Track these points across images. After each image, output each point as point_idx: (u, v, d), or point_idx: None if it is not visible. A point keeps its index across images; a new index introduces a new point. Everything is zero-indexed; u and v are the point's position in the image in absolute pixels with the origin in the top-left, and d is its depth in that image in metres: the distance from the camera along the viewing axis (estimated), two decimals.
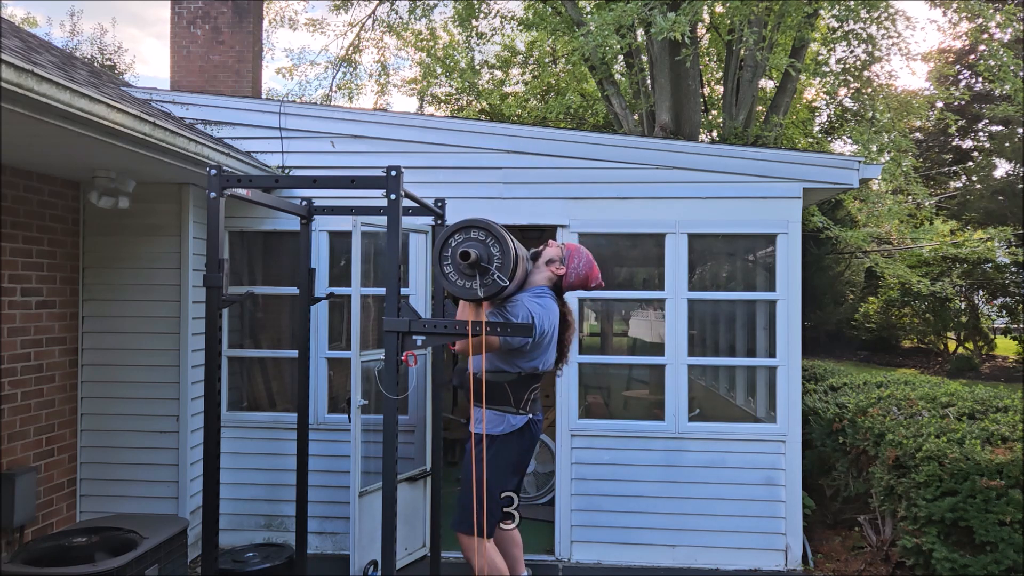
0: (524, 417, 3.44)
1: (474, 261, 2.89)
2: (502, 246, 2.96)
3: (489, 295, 2.97)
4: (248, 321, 5.44)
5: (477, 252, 2.91)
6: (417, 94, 16.79)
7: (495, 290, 2.95)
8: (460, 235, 3.00)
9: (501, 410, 3.42)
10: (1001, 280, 15.29)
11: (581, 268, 3.55)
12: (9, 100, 2.72)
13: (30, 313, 4.23)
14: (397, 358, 2.95)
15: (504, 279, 2.93)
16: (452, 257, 2.99)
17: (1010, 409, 4.56)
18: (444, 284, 3.05)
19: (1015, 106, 12.13)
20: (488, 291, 2.95)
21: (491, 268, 2.94)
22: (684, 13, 7.77)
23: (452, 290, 3.03)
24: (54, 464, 4.46)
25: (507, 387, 3.41)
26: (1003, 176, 20.02)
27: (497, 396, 3.40)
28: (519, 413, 3.43)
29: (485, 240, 2.97)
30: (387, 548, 2.91)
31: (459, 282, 2.99)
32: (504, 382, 3.40)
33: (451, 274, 3.00)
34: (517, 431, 3.43)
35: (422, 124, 5.06)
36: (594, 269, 3.60)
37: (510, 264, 2.95)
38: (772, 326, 4.94)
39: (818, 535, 5.21)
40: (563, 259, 3.55)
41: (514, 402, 3.43)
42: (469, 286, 2.97)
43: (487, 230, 2.98)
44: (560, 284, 3.56)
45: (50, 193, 4.39)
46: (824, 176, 4.85)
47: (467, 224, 3.00)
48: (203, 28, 8.01)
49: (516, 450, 3.46)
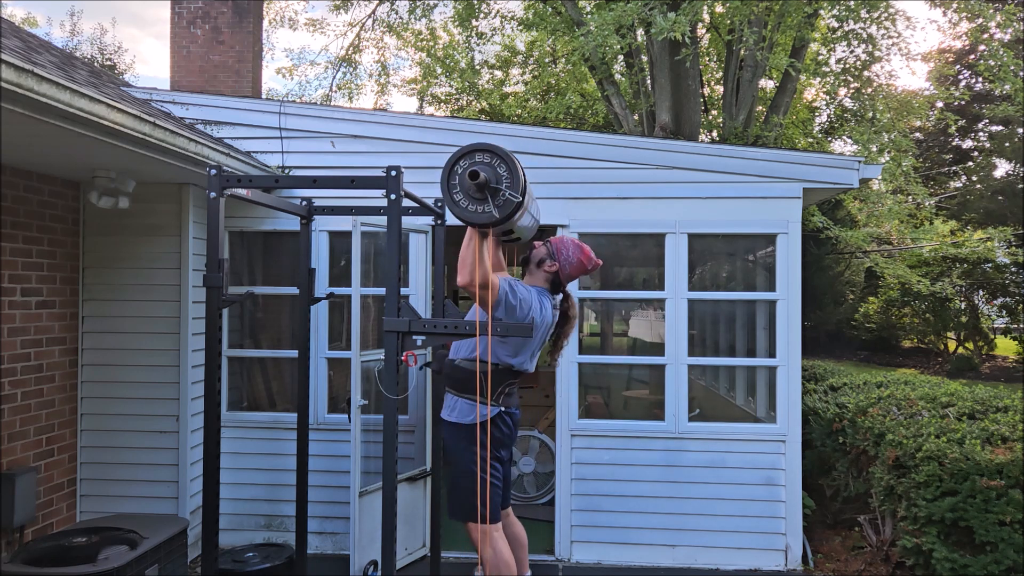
0: (496, 408, 3.45)
1: (483, 182, 2.78)
2: (509, 165, 2.86)
3: (505, 214, 2.86)
4: (248, 321, 5.44)
5: (485, 174, 2.81)
6: (417, 94, 16.79)
7: (510, 208, 2.84)
8: (465, 161, 2.90)
9: (472, 399, 3.44)
10: (1001, 280, 15.30)
11: (572, 256, 3.53)
12: (9, 100, 2.72)
13: (30, 313, 4.23)
14: (397, 358, 2.95)
15: (516, 195, 2.82)
16: (460, 182, 2.87)
17: (1010, 409, 4.56)
18: (456, 213, 2.91)
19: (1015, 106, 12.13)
20: (503, 210, 2.84)
21: (501, 188, 2.83)
22: (684, 13, 7.77)
23: (465, 217, 2.90)
24: (54, 464, 4.46)
25: (480, 377, 3.41)
26: (1003, 176, 20.03)
27: (472, 386, 3.43)
28: (492, 404, 3.44)
29: (491, 162, 2.87)
30: (387, 548, 2.91)
31: (471, 208, 2.88)
32: (482, 372, 3.41)
33: (461, 200, 2.89)
34: (487, 422, 3.43)
35: (422, 124, 5.06)
36: (584, 252, 3.56)
37: (520, 182, 2.85)
38: (772, 326, 4.94)
39: (818, 535, 5.21)
40: (551, 254, 3.54)
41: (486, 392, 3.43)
42: (482, 209, 2.86)
43: (491, 152, 2.89)
44: (558, 280, 3.55)
45: (50, 193, 4.39)
46: (824, 176, 4.85)
47: (470, 148, 2.90)
48: (203, 28, 8.01)
49: (495, 434, 3.46)
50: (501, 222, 2.89)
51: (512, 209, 2.86)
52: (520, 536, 3.80)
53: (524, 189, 2.89)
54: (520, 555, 3.75)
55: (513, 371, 3.49)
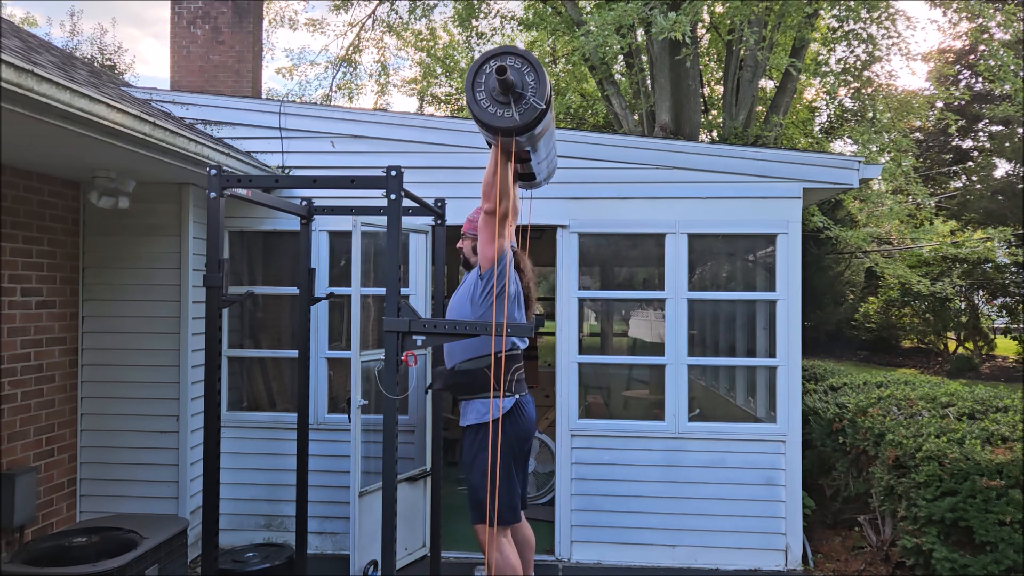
0: (511, 398, 3.42)
1: (509, 80, 2.68)
2: (538, 72, 2.77)
3: (526, 121, 2.75)
4: (248, 321, 5.44)
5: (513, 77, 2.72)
6: (417, 94, 16.80)
7: (532, 116, 2.74)
8: (494, 61, 2.80)
9: (487, 396, 3.40)
10: (1001, 280, 15.29)
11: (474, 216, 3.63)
12: (9, 100, 2.72)
13: (30, 313, 4.23)
14: (397, 358, 2.95)
15: (540, 103, 2.73)
16: (486, 82, 2.77)
17: (1010, 409, 4.56)
18: (475, 112, 2.80)
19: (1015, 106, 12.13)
20: (525, 117, 2.74)
21: (526, 94, 2.74)
22: (685, 13, 7.77)
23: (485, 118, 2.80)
24: (54, 464, 4.46)
25: (487, 372, 3.39)
26: (1003, 176, 20.03)
27: (479, 385, 3.40)
28: (506, 395, 3.41)
29: (520, 68, 2.77)
30: (387, 548, 2.91)
31: (491, 109, 2.78)
32: (483, 367, 3.38)
33: (483, 100, 2.79)
34: (507, 414, 3.40)
35: (422, 124, 5.06)
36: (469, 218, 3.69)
37: (545, 90, 2.76)
38: (772, 326, 4.94)
39: (818, 535, 5.21)
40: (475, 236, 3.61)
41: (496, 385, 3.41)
42: (503, 113, 2.76)
43: (523, 57, 2.79)
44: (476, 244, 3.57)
45: (50, 193, 4.39)
46: (824, 176, 4.85)
47: (501, 51, 2.81)
48: (203, 28, 8.01)
49: (511, 432, 3.42)
50: (523, 129, 2.77)
51: (535, 117, 2.75)
52: (529, 539, 3.79)
53: (549, 99, 2.80)
54: (527, 556, 3.74)
55: (511, 356, 3.44)
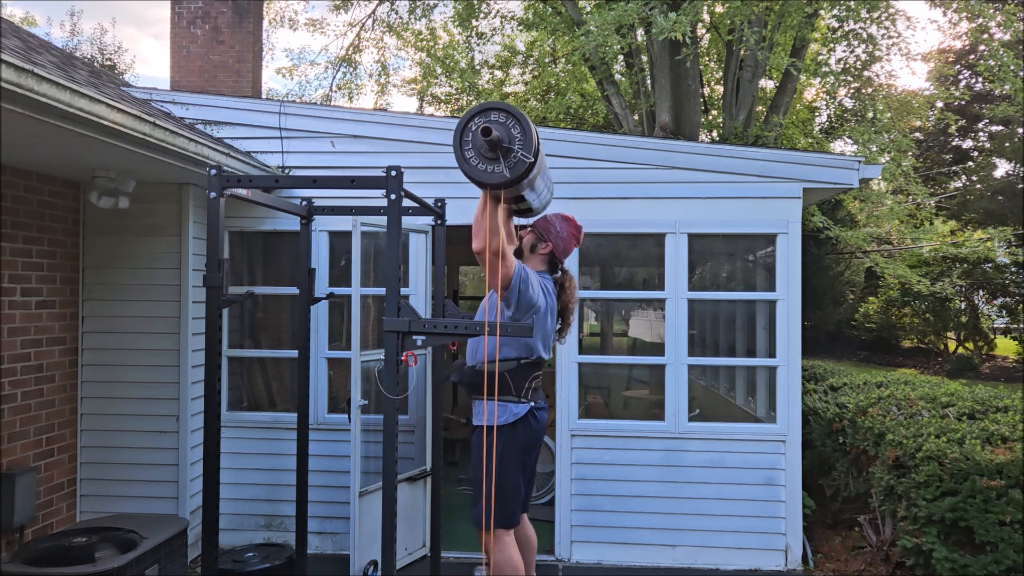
0: (526, 405, 3.41)
1: (495, 140, 2.74)
2: (523, 125, 2.82)
3: (516, 175, 2.81)
4: (248, 321, 5.44)
5: (498, 132, 2.77)
6: (417, 94, 16.79)
7: (521, 169, 2.80)
8: (479, 119, 2.86)
9: (503, 400, 3.38)
10: (1001, 280, 15.29)
11: (561, 230, 3.52)
12: (9, 100, 2.72)
13: (30, 313, 4.23)
14: (397, 358, 2.95)
15: (528, 156, 2.78)
16: (473, 139, 2.84)
17: (1010, 409, 4.56)
18: (466, 171, 2.86)
19: (1015, 106, 12.14)
20: (514, 171, 2.80)
21: (514, 148, 2.79)
22: (685, 13, 7.77)
23: (476, 176, 2.87)
24: (54, 464, 4.46)
25: (507, 376, 3.38)
26: (1003, 176, 20.03)
27: (499, 387, 3.36)
28: (521, 402, 3.40)
29: (505, 122, 2.83)
30: (387, 548, 2.91)
31: (481, 166, 2.84)
32: (504, 371, 3.37)
33: (473, 159, 2.85)
34: (520, 419, 3.40)
35: (422, 124, 5.06)
36: (570, 222, 3.56)
37: (532, 142, 2.81)
38: (772, 326, 4.94)
39: (818, 535, 5.21)
40: (541, 236, 3.52)
41: (515, 391, 3.39)
42: (493, 169, 2.81)
43: (506, 111, 2.84)
44: (554, 259, 3.54)
45: (50, 193, 4.39)
46: (824, 176, 4.85)
47: (485, 107, 2.86)
48: (203, 28, 8.01)
49: (521, 439, 3.42)
50: (512, 183, 2.83)
51: (524, 170, 2.80)
52: (531, 539, 3.78)
53: (536, 150, 2.84)
54: (528, 558, 3.73)
55: (534, 363, 3.44)
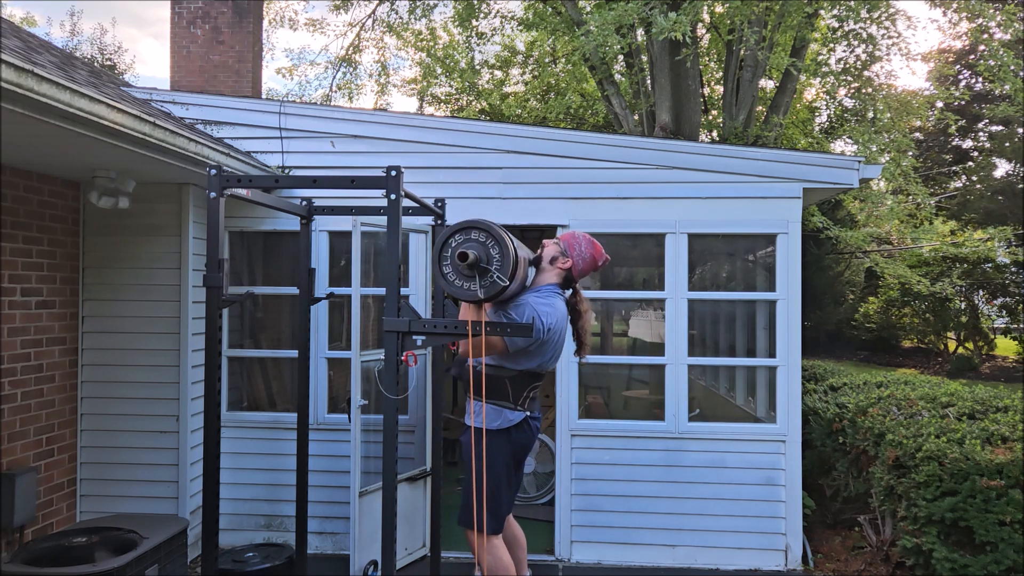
0: (521, 414, 3.41)
1: (473, 262, 2.85)
2: (501, 247, 2.93)
3: (489, 296, 2.93)
4: (248, 321, 5.44)
5: (476, 253, 2.87)
6: (417, 94, 16.79)
7: (495, 291, 2.91)
8: (460, 236, 2.98)
9: (499, 405, 3.39)
10: (1001, 280, 15.28)
11: (585, 251, 3.52)
12: (9, 100, 2.72)
13: (30, 313, 4.23)
14: (397, 358, 2.95)
15: (504, 279, 2.89)
16: (451, 258, 2.95)
17: (1010, 409, 4.56)
18: (443, 285, 3.01)
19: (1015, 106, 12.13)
20: (488, 292, 2.91)
21: (491, 269, 2.90)
22: (685, 13, 7.77)
23: (452, 291, 3.00)
24: (54, 464, 4.46)
25: (507, 383, 3.38)
26: (1003, 176, 20.03)
27: (496, 391, 3.38)
28: (516, 409, 3.40)
29: (485, 241, 2.94)
30: (387, 548, 2.92)
31: (458, 283, 2.96)
32: (504, 377, 3.37)
33: (450, 275, 2.97)
34: (514, 427, 3.40)
35: (422, 124, 5.06)
36: (596, 247, 3.56)
37: (509, 265, 2.92)
38: (772, 326, 4.94)
39: (818, 535, 5.21)
40: (564, 251, 3.51)
41: (512, 398, 3.39)
42: (468, 287, 2.93)
43: (487, 231, 2.95)
44: (571, 276, 3.53)
45: (50, 193, 4.39)
46: (824, 176, 4.85)
47: (466, 225, 2.97)
48: (203, 28, 8.01)
49: (511, 446, 3.43)
50: (485, 301, 2.96)
51: (496, 292, 2.92)
52: (519, 537, 3.78)
53: (513, 272, 2.94)
54: (519, 556, 3.73)
55: (536, 374, 3.44)
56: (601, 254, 3.58)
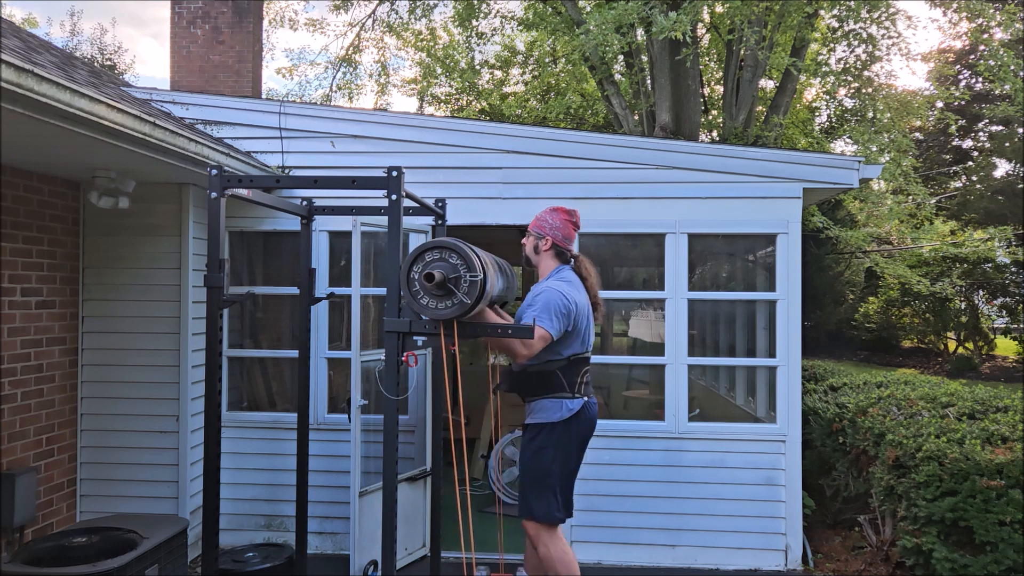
0: (580, 400, 3.46)
1: (441, 280, 2.81)
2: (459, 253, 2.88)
3: (475, 297, 2.88)
4: (248, 321, 5.44)
5: (440, 271, 2.83)
6: (417, 94, 16.79)
7: (477, 290, 2.87)
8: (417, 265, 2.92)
9: (557, 397, 3.44)
10: (1001, 280, 15.28)
11: (554, 221, 3.60)
12: (9, 100, 2.72)
13: (30, 313, 4.23)
14: (397, 358, 2.95)
15: (476, 274, 2.85)
16: (421, 285, 2.90)
17: (1010, 409, 4.56)
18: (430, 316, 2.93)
19: (1015, 106, 12.12)
20: (471, 294, 2.87)
21: (460, 275, 2.86)
22: (685, 12, 7.77)
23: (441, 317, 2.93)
24: (54, 464, 4.46)
25: (559, 374, 3.45)
26: (1003, 176, 20.01)
27: (552, 384, 3.44)
28: (575, 397, 3.45)
29: (443, 256, 2.90)
30: (387, 548, 2.92)
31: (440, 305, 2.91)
32: (555, 369, 3.44)
33: (430, 303, 2.91)
34: (575, 415, 3.45)
35: (422, 124, 5.06)
36: (559, 211, 3.63)
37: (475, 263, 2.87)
38: (772, 326, 4.94)
39: (818, 535, 5.21)
40: (539, 235, 3.60)
41: (568, 387, 3.46)
42: (453, 302, 2.88)
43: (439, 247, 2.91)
44: (560, 249, 3.62)
45: (50, 193, 4.39)
46: (824, 176, 4.85)
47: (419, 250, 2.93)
48: (203, 28, 8.01)
49: (576, 434, 3.48)
50: (475, 304, 2.89)
51: (479, 290, 2.87)
52: None
53: (482, 265, 2.91)
54: None
55: (582, 358, 3.52)
56: (569, 213, 3.64)
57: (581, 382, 3.50)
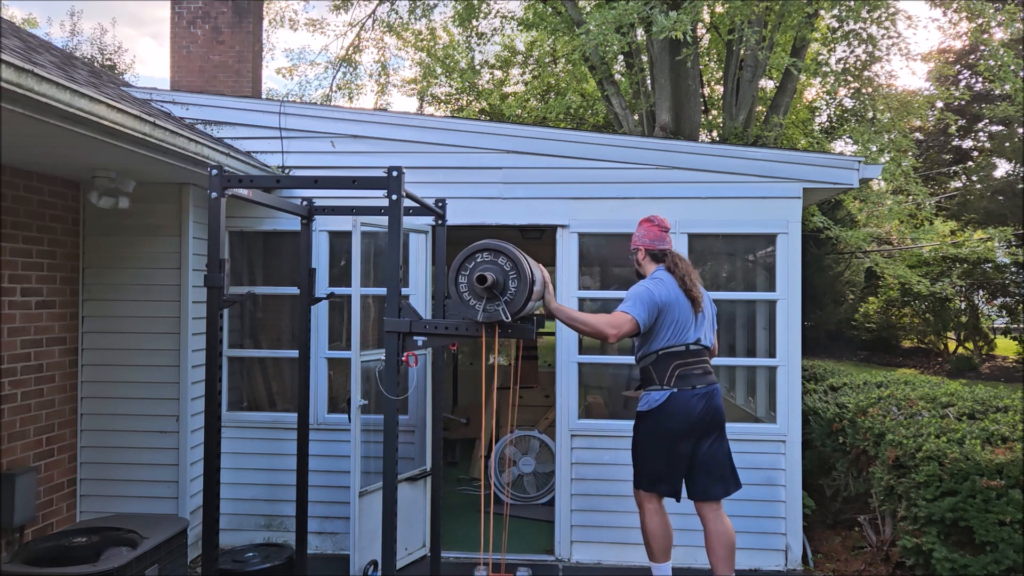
0: (665, 392, 3.71)
1: (491, 284, 2.94)
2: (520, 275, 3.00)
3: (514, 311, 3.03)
4: (248, 321, 5.44)
5: (493, 274, 2.96)
6: (417, 94, 16.79)
7: (495, 318, 3.01)
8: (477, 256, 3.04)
9: (649, 390, 3.79)
10: (1001, 280, 15.29)
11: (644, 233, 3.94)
12: (9, 100, 2.72)
13: (30, 313, 4.23)
14: (397, 358, 2.95)
15: (507, 315, 2.99)
16: (468, 276, 3.04)
17: (1010, 409, 4.56)
18: (452, 293, 3.09)
19: (1015, 106, 12.12)
20: (487, 317, 3.02)
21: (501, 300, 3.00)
22: (686, 12, 7.77)
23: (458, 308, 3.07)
24: (54, 464, 4.46)
25: (651, 369, 3.77)
26: (1003, 176, 20.01)
27: (646, 379, 3.81)
28: (662, 388, 3.72)
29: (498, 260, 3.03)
30: (387, 548, 2.92)
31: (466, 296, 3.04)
32: (649, 364, 3.78)
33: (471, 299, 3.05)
34: (659, 406, 3.71)
35: (422, 124, 5.06)
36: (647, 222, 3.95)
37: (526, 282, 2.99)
38: (772, 326, 4.94)
39: (818, 535, 5.21)
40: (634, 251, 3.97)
41: (657, 379, 3.74)
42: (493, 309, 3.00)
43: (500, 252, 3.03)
44: (655, 253, 3.91)
45: (50, 193, 4.39)
46: (824, 176, 4.85)
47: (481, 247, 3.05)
48: (203, 28, 8.01)
49: (665, 423, 3.71)
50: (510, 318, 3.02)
51: (519, 307, 3.01)
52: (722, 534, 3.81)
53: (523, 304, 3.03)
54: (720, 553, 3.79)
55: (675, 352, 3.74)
56: (651, 219, 3.96)
57: (673, 374, 3.72)
